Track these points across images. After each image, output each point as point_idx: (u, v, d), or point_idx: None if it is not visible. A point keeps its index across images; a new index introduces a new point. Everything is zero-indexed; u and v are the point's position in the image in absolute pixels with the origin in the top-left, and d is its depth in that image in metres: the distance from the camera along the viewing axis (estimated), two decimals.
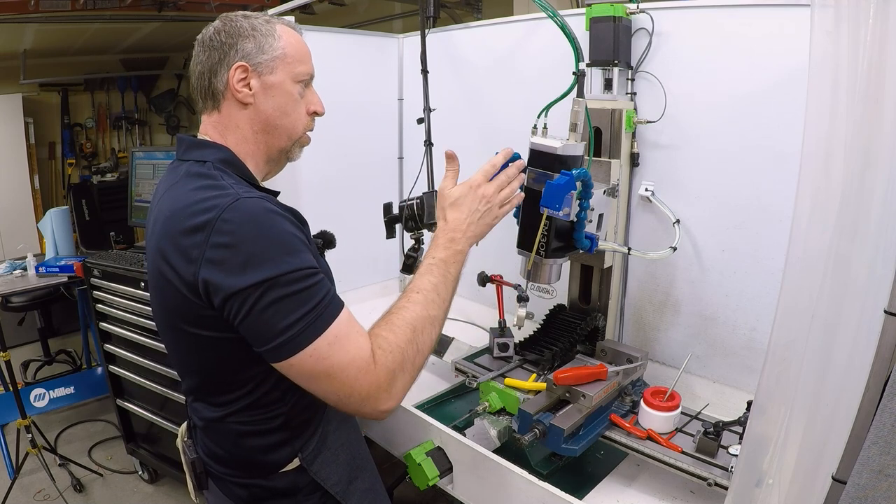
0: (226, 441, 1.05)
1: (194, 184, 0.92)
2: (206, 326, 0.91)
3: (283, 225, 0.88)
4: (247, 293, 0.84)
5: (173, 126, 5.89)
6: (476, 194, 1.05)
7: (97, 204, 4.92)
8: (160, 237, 0.92)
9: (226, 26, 0.99)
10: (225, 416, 1.01)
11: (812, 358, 0.83)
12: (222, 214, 0.85)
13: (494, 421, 1.37)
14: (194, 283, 0.86)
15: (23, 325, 3.71)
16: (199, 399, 1.07)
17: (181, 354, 1.04)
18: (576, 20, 1.46)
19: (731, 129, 1.43)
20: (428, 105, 1.66)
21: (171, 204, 0.92)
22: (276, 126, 1.02)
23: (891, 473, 0.72)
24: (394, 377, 0.89)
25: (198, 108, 1.05)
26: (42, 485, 2.73)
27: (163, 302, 0.96)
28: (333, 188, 2.15)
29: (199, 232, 0.85)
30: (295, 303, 0.85)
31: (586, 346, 1.53)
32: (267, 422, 1.01)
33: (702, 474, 1.13)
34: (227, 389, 0.99)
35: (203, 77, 1.00)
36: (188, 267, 0.86)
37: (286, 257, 0.85)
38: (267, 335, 0.85)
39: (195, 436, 1.14)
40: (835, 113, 0.78)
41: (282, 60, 1.00)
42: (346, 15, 4.20)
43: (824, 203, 0.80)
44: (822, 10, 0.77)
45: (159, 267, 0.92)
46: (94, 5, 3.68)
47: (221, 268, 0.84)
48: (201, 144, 1.01)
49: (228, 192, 0.89)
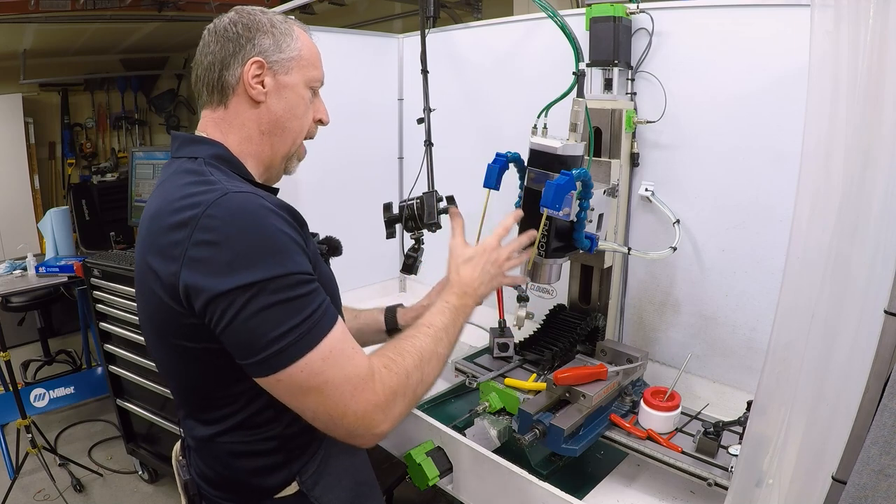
0: (217, 462, 0.98)
1: (182, 180, 0.86)
2: (188, 336, 0.84)
3: (276, 223, 0.81)
4: (231, 297, 0.76)
5: (173, 126, 5.89)
6: (489, 257, 1.10)
7: (97, 204, 4.93)
8: (143, 238, 0.87)
9: (243, 18, 0.94)
10: (216, 434, 0.94)
11: (812, 358, 0.83)
12: (207, 210, 0.78)
13: (494, 421, 1.37)
14: (175, 286, 0.79)
15: (23, 325, 3.71)
16: (190, 416, 0.99)
17: (169, 367, 0.96)
18: (576, 20, 1.46)
19: (732, 128, 1.43)
20: (428, 105, 1.66)
21: (156, 203, 0.86)
22: (284, 128, 0.97)
23: (891, 473, 0.72)
24: (394, 398, 0.85)
25: (200, 101, 0.98)
26: (42, 485, 2.73)
27: (146, 309, 0.89)
28: (333, 188, 2.15)
29: (182, 229, 0.78)
30: (285, 311, 0.78)
31: (586, 346, 1.53)
32: (261, 442, 0.93)
33: (702, 474, 1.13)
34: (217, 405, 0.92)
35: (212, 69, 0.93)
36: (168, 267, 0.79)
37: (278, 259, 0.78)
38: (253, 346, 0.77)
39: (188, 455, 1.06)
40: (835, 113, 0.78)
41: (297, 62, 0.97)
42: (346, 15, 4.20)
43: (824, 203, 0.80)
44: (822, 10, 0.77)
45: (143, 271, 0.86)
46: (94, 5, 3.68)
47: (204, 267, 0.77)
48: (195, 141, 0.95)
49: (216, 186, 0.82)
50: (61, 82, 5.18)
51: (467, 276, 1.08)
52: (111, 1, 3.73)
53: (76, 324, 3.43)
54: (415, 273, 1.49)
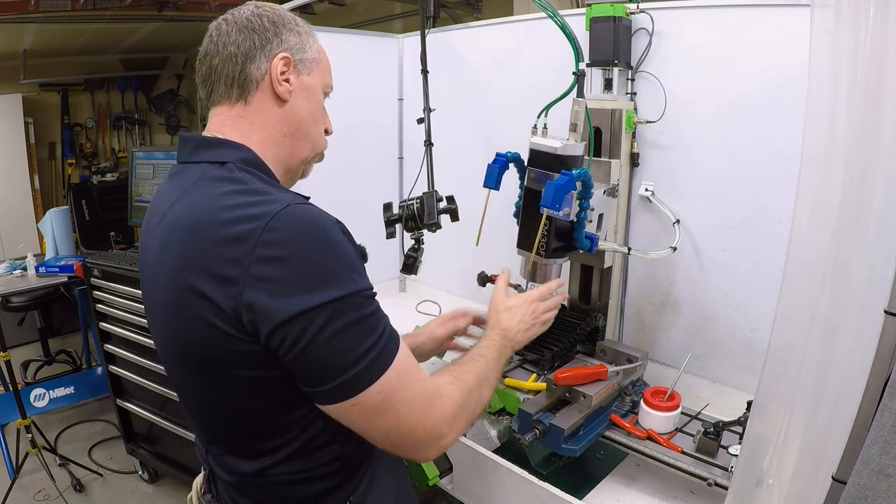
0: (266, 495, 0.90)
1: (218, 189, 0.77)
2: (245, 365, 0.76)
3: (341, 238, 0.76)
4: (307, 319, 0.70)
5: (173, 126, 5.89)
6: (530, 308, 1.15)
7: (97, 204, 4.93)
8: (179, 256, 0.76)
9: (266, 12, 0.88)
10: (266, 468, 0.86)
11: (812, 358, 0.83)
12: (270, 223, 0.71)
13: (494, 421, 1.37)
14: (235, 309, 0.71)
15: (23, 325, 3.70)
16: (230, 452, 0.90)
17: (204, 400, 0.87)
18: (576, 20, 1.46)
19: (732, 128, 1.43)
20: (428, 105, 1.66)
21: (192, 214, 0.77)
22: (306, 132, 0.92)
23: (891, 473, 0.72)
24: (459, 412, 0.85)
25: (213, 96, 0.89)
26: (42, 485, 2.73)
27: (184, 336, 0.79)
28: (333, 188, 2.14)
29: (238, 244, 0.71)
30: (362, 331, 0.74)
31: (586, 346, 1.53)
32: (319, 468, 0.87)
33: (702, 474, 1.13)
34: (268, 437, 0.84)
35: (234, 60, 0.85)
36: (225, 289, 0.71)
37: (349, 275, 0.73)
38: (332, 370, 0.73)
39: (216, 490, 0.97)
40: (835, 113, 0.78)
41: (318, 64, 0.93)
42: (346, 15, 4.21)
43: (824, 203, 0.80)
44: (822, 10, 0.77)
45: (180, 293, 0.76)
46: (94, 5, 3.68)
47: (272, 287, 0.70)
48: (216, 143, 0.85)
49: (272, 197, 0.75)
50: (61, 82, 5.17)
51: (507, 321, 1.12)
52: (111, 1, 3.73)
53: (76, 324, 3.43)
54: (415, 273, 1.49)
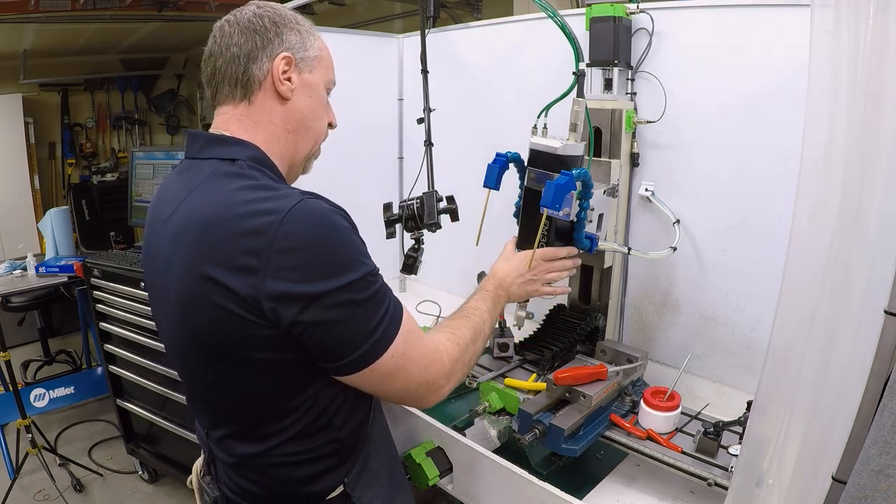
0: (265, 477, 0.95)
1: (231, 185, 0.82)
2: (262, 347, 0.82)
3: (347, 227, 0.84)
4: (330, 299, 0.78)
5: (173, 126, 5.89)
6: (531, 262, 1.20)
7: (97, 204, 4.93)
8: (194, 248, 0.81)
9: (267, 12, 0.91)
10: (268, 449, 0.92)
11: (812, 358, 0.83)
12: (287, 216, 0.77)
13: (494, 421, 1.37)
14: (255, 297, 0.77)
15: (23, 325, 3.70)
16: (233, 435, 0.95)
17: (212, 384, 0.92)
18: (576, 20, 1.46)
19: (731, 128, 1.43)
20: (428, 105, 1.66)
21: (207, 208, 0.81)
22: (308, 128, 0.97)
23: (891, 473, 0.72)
24: (456, 365, 0.97)
25: (217, 96, 0.93)
26: (42, 485, 2.73)
27: (197, 323, 0.84)
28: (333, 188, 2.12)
29: (257, 237, 0.76)
30: (375, 305, 0.83)
31: (586, 346, 1.53)
32: (318, 449, 0.93)
33: (702, 474, 1.13)
34: (273, 419, 0.90)
35: (237, 61, 0.89)
36: (244, 279, 0.77)
37: (360, 259, 0.82)
38: (353, 343, 0.82)
39: (216, 472, 1.03)
40: (835, 113, 0.78)
41: (319, 62, 0.96)
42: (346, 15, 4.21)
43: (824, 203, 0.80)
44: (822, 10, 0.77)
45: (193, 282, 0.81)
46: (94, 5, 3.68)
47: (295, 274, 0.76)
48: (224, 141, 0.90)
49: (285, 192, 0.81)
50: (61, 82, 5.17)
51: (500, 270, 1.21)
52: (111, 1, 3.73)
53: (76, 324, 3.43)
54: (415, 273, 1.49)
